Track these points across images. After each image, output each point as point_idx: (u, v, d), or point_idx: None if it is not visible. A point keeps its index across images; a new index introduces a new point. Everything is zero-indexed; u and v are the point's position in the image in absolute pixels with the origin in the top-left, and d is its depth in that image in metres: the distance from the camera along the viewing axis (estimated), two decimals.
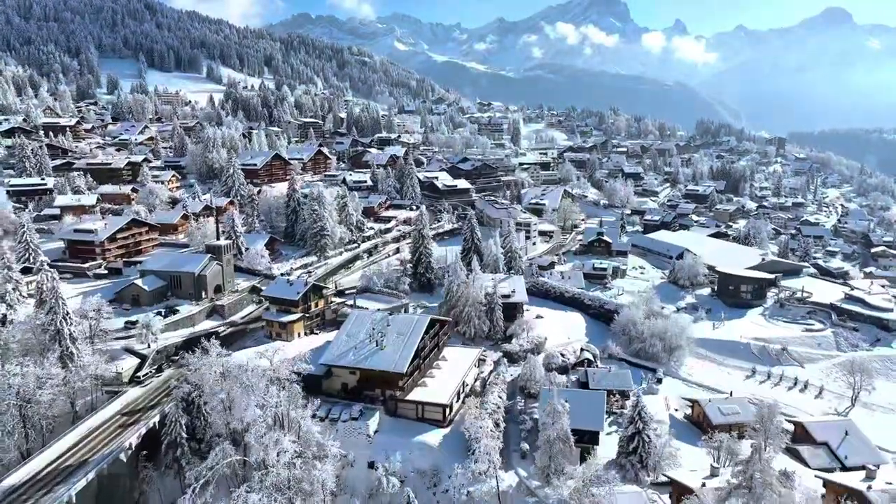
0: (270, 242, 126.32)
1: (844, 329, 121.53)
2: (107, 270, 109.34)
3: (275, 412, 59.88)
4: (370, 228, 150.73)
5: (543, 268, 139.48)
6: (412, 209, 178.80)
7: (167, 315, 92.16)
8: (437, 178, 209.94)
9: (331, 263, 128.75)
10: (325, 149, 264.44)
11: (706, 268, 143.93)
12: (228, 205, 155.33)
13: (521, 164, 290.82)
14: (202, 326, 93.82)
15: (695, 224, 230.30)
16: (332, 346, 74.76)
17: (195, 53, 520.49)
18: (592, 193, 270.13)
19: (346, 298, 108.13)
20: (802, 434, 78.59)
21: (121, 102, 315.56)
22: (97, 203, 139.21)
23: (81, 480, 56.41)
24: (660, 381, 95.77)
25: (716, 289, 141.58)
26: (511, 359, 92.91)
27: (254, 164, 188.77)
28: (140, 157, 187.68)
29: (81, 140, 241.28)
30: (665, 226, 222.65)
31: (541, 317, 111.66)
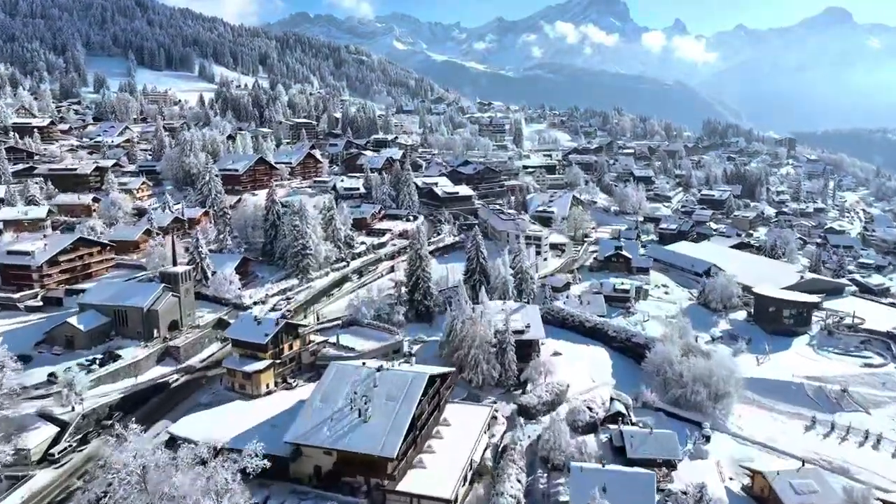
0: (243, 264, 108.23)
1: None
2: (42, 301, 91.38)
3: None
4: (361, 244, 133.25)
5: (558, 289, 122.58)
6: (409, 219, 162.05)
7: (105, 362, 74.80)
8: (437, 184, 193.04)
9: (315, 287, 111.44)
10: (318, 151, 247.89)
11: (741, 288, 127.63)
12: (202, 216, 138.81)
13: (526, 168, 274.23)
14: (150, 374, 76.90)
15: (713, 233, 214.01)
16: (302, 416, 57.59)
17: (187, 51, 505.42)
18: (602, 199, 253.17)
19: (329, 334, 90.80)
20: None
21: (104, 102, 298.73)
22: (48, 216, 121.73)
23: None
24: (707, 440, 79.04)
25: (752, 313, 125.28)
26: (528, 414, 76.12)
27: (235, 170, 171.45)
28: (110, 162, 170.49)
29: (55, 142, 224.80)
30: (682, 235, 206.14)
31: (558, 353, 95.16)
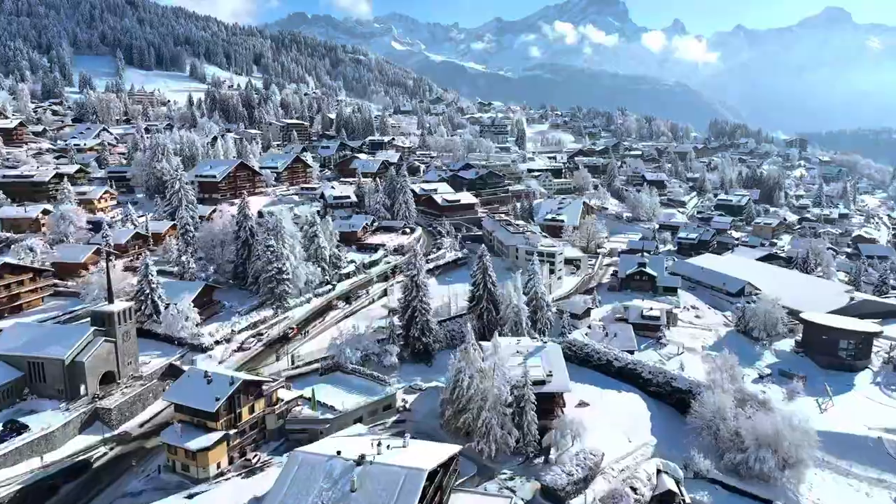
0: (206, 292, 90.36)
1: None
2: None
3: None
4: (350, 262, 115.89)
5: (577, 316, 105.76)
6: (405, 232, 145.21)
7: (5, 437, 57.64)
8: (437, 191, 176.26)
9: (293, 316, 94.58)
10: (309, 154, 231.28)
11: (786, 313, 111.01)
12: (170, 231, 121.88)
13: (531, 171, 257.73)
14: (70, 447, 60.01)
15: (736, 242, 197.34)
16: None
17: (178, 50, 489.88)
18: (613, 205, 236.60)
19: (305, 383, 73.55)
20: None
21: (85, 102, 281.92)
22: None
23: None
24: None
25: (800, 342, 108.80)
26: (555, 497, 59.32)
27: (213, 176, 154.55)
28: (73, 168, 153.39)
29: (24, 144, 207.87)
30: (703, 245, 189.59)
31: (585, 403, 78.40)
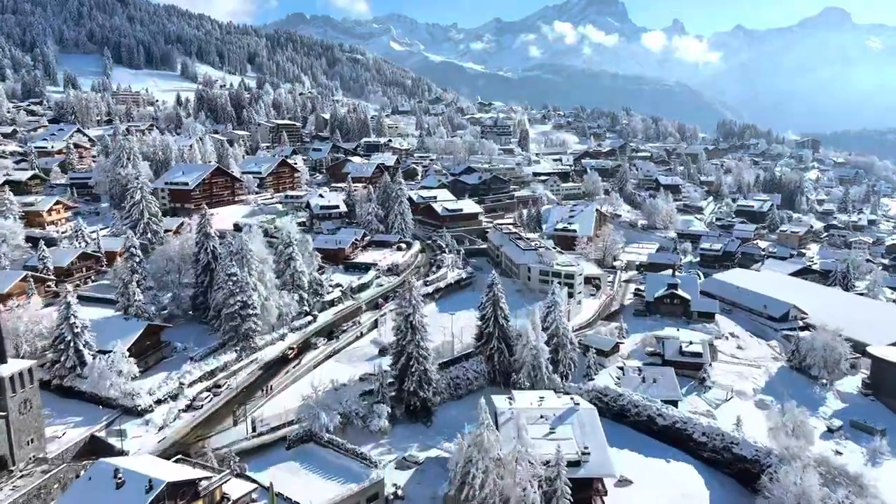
0: (148, 333, 71.43)
1: None
2: None
3: None
4: (336, 286, 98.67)
5: (604, 353, 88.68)
6: (401, 247, 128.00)
7: None
8: (436, 199, 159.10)
9: (262, 358, 77.51)
10: (298, 157, 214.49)
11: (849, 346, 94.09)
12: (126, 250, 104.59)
13: (537, 175, 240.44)
14: None
15: (763, 253, 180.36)
16: None
17: (169, 49, 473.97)
18: (625, 211, 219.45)
19: (265, 462, 56.34)
20: None
21: (65, 102, 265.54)
22: None
23: None
24: None
25: (867, 381, 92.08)
26: None
27: (185, 183, 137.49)
28: (26, 174, 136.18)
29: None
30: (728, 257, 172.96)
31: (627, 481, 61.14)
